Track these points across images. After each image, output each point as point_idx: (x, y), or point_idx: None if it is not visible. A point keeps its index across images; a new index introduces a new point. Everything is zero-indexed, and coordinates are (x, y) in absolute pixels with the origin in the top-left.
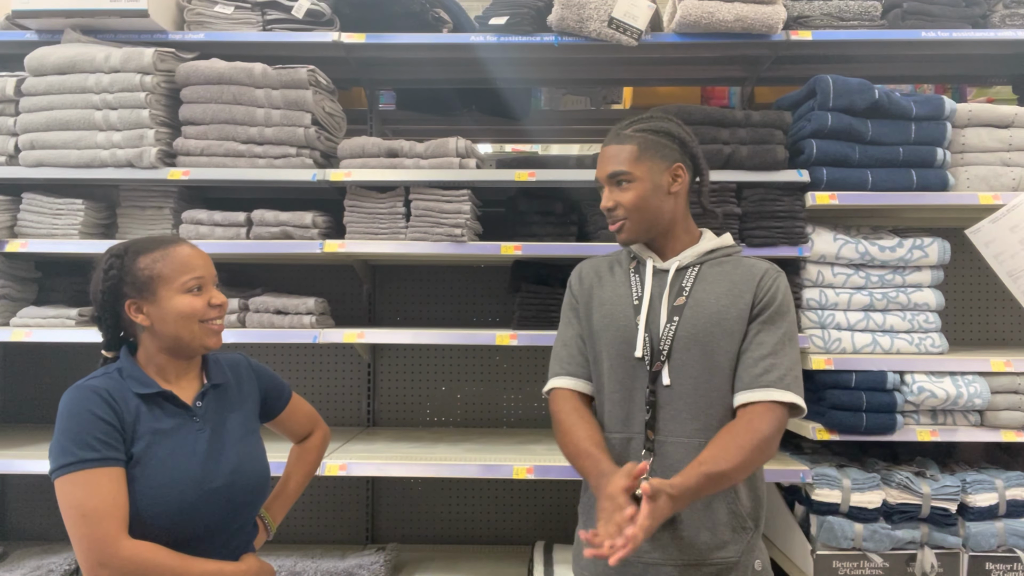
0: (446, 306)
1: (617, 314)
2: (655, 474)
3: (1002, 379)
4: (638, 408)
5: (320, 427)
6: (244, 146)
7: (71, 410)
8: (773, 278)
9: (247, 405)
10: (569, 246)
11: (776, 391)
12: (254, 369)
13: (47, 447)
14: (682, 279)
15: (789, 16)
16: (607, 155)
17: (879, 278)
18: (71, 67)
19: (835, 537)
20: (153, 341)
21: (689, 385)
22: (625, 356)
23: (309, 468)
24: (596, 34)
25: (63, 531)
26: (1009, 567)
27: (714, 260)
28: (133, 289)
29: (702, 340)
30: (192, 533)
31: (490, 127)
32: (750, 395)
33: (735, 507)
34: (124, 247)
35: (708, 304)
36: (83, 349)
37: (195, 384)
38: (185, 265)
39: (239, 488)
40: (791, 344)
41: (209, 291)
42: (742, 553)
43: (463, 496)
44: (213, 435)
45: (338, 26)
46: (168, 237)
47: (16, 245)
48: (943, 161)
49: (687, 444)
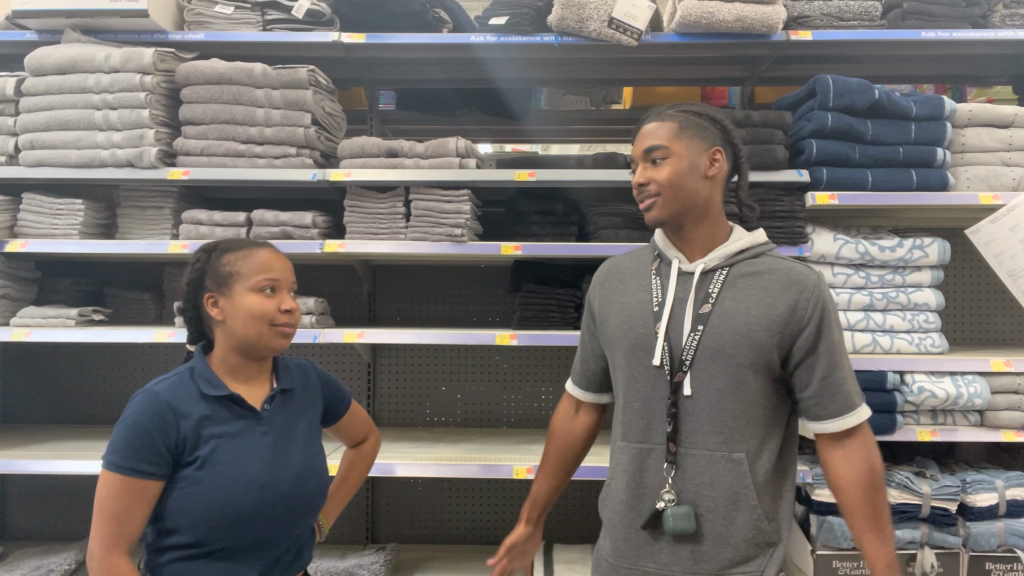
0: (446, 306)
1: (635, 321)
2: (676, 488)
3: (1002, 379)
4: (658, 419)
5: (374, 433)
6: (244, 146)
7: (135, 418)
8: (813, 292)
9: (312, 411)
10: (569, 246)
11: (853, 415)
12: (320, 375)
13: (47, 447)
14: (708, 283)
15: (789, 16)
16: (645, 132)
17: (879, 278)
18: (71, 67)
19: (835, 537)
20: (226, 339)
21: (713, 396)
22: (644, 364)
23: (362, 472)
24: (596, 34)
25: (63, 531)
26: (1009, 567)
27: (745, 261)
28: (213, 283)
29: (728, 352)
30: (254, 536)
31: (490, 127)
32: (835, 424)
33: (760, 524)
34: (215, 244)
35: (737, 314)
36: (83, 349)
37: (265, 387)
38: (262, 265)
39: (301, 494)
40: (842, 352)
41: (282, 295)
42: (764, 567)
43: (463, 496)
44: (278, 439)
45: (338, 26)
46: (256, 241)
47: (16, 245)
48: (943, 161)
49: (708, 457)
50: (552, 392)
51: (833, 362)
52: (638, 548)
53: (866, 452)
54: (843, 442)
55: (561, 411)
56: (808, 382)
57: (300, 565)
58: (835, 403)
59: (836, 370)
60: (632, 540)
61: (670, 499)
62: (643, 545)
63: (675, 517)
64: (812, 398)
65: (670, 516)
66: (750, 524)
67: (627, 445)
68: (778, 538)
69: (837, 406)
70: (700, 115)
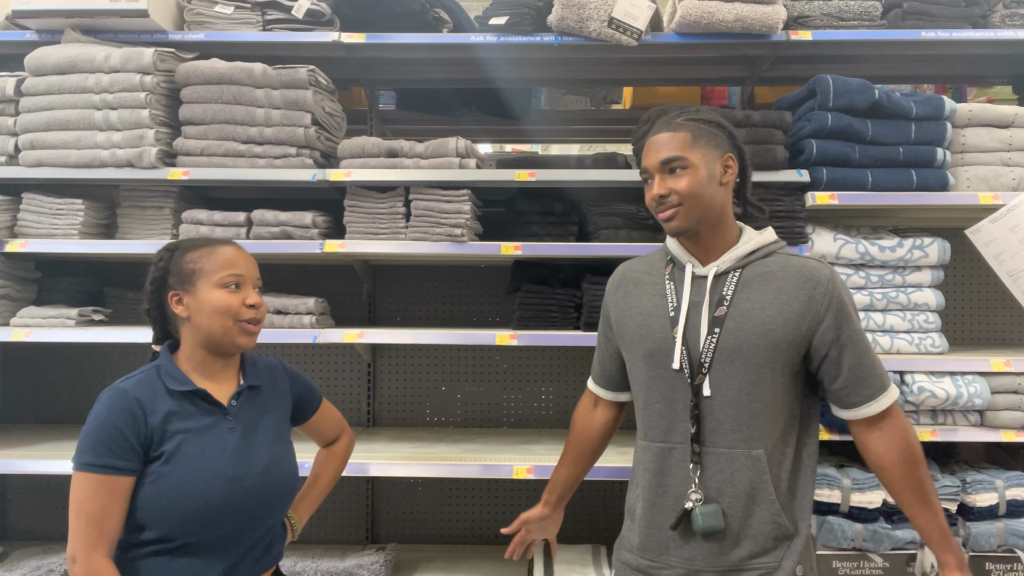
0: (446, 306)
1: (652, 325)
2: (703, 487)
3: (1002, 379)
4: (679, 419)
5: (347, 432)
6: (244, 146)
7: (100, 413)
8: (827, 286)
9: (280, 408)
10: (569, 246)
11: (885, 396)
12: (289, 373)
13: (47, 447)
14: (722, 286)
15: (789, 16)
16: (658, 142)
17: (879, 278)
18: (71, 67)
19: (835, 537)
20: (192, 336)
21: (731, 396)
22: (664, 368)
23: (335, 472)
24: (596, 34)
25: (63, 531)
26: (1009, 567)
27: (757, 262)
28: (177, 280)
29: (746, 352)
30: (221, 532)
31: (490, 127)
32: (869, 409)
33: (779, 518)
34: (178, 243)
35: (752, 314)
36: (83, 349)
37: (232, 384)
38: (226, 261)
39: (268, 488)
40: (864, 338)
41: (247, 290)
42: (782, 559)
43: (463, 496)
44: (245, 435)
45: (338, 26)
46: (219, 238)
47: (16, 245)
48: (943, 161)
49: (728, 455)
50: (552, 392)
51: (859, 350)
52: (661, 543)
53: (902, 430)
54: (879, 424)
55: (582, 405)
56: (837, 374)
57: (270, 561)
58: (867, 388)
59: (863, 357)
60: (655, 536)
61: (697, 499)
62: (668, 541)
63: (704, 516)
64: (843, 388)
65: (699, 515)
66: (768, 518)
67: (649, 444)
68: (795, 531)
69: (869, 391)
70: (710, 123)
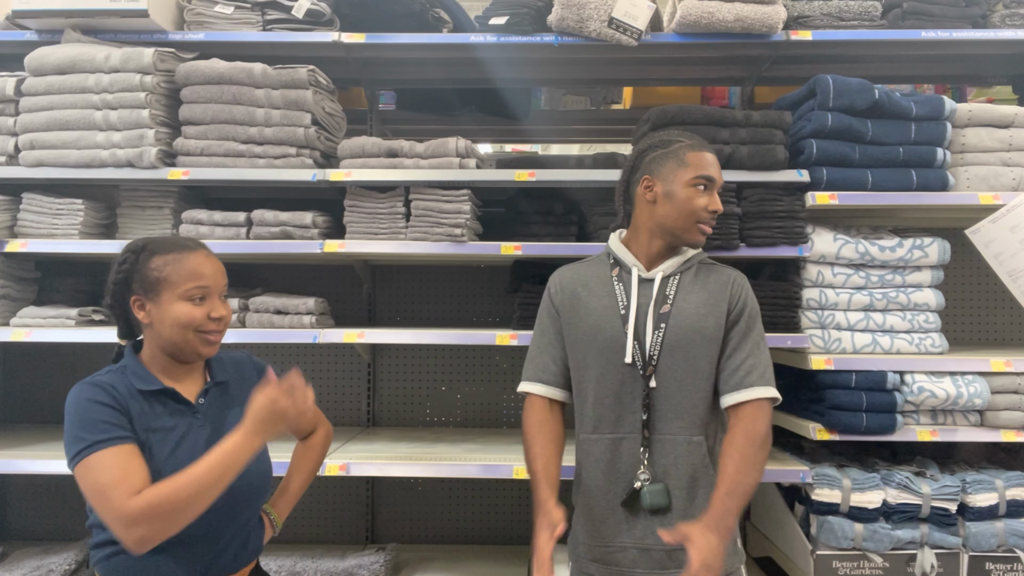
0: (446, 306)
1: (604, 324)
2: (651, 469)
3: (1002, 379)
4: (628, 410)
5: (323, 424)
6: (244, 146)
7: (77, 402)
8: (741, 286)
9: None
10: (569, 246)
11: (761, 388)
12: (256, 366)
13: (47, 447)
14: (666, 287)
15: (789, 16)
16: (714, 162)
17: (879, 278)
18: (71, 67)
19: (835, 537)
20: (154, 340)
21: (673, 387)
22: (614, 363)
23: (313, 465)
24: (596, 34)
25: (63, 531)
26: (1009, 567)
27: (692, 268)
28: (140, 287)
29: (684, 347)
30: (196, 529)
31: (490, 127)
32: (740, 396)
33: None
34: (143, 244)
35: (689, 313)
36: (83, 349)
37: (198, 382)
38: (193, 273)
39: (241, 485)
40: (763, 343)
41: (212, 302)
42: (728, 557)
43: (463, 496)
44: (214, 432)
45: (338, 26)
46: (186, 242)
47: (16, 245)
48: (943, 161)
49: (672, 441)
50: None
51: (754, 350)
52: (615, 526)
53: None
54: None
55: (536, 412)
56: (733, 362)
57: (248, 556)
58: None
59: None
60: (609, 520)
61: (645, 478)
62: (620, 522)
63: (651, 494)
64: (733, 374)
65: (647, 493)
66: (708, 497)
67: (600, 437)
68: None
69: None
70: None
